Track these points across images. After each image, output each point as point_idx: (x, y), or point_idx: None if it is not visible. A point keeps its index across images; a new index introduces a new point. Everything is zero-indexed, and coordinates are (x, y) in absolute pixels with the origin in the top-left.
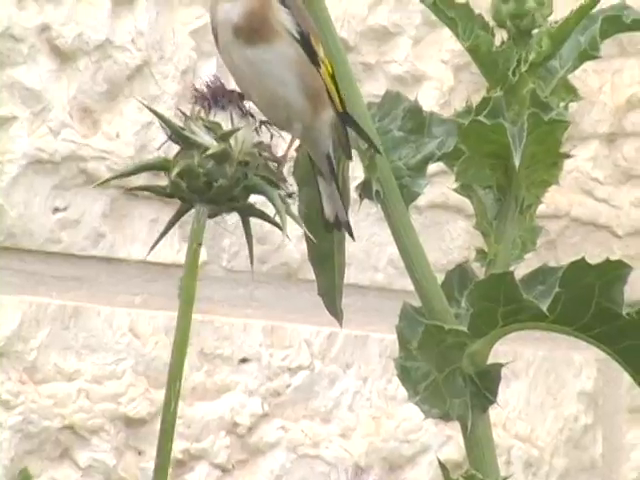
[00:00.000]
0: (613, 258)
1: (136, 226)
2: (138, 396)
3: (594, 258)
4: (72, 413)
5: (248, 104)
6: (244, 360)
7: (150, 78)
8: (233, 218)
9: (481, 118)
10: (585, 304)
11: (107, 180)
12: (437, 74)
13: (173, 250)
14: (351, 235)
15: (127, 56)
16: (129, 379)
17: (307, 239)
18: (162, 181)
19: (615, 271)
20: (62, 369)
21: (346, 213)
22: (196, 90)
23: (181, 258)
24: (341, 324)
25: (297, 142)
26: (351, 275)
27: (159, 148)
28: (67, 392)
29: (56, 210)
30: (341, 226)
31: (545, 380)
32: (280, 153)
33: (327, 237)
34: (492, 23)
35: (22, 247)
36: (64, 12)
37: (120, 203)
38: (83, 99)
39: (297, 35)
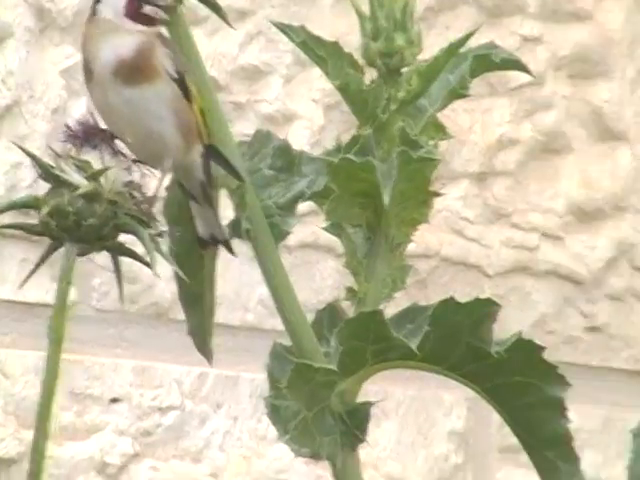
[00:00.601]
0: (484, 297)
1: (5, 266)
2: (7, 436)
3: (464, 297)
4: None
5: (119, 143)
6: (114, 400)
7: (20, 117)
8: (103, 258)
9: (350, 156)
10: (454, 343)
11: None
12: (308, 113)
13: (42, 290)
14: (230, 251)
15: None
16: None
17: (177, 279)
18: (32, 220)
19: (484, 309)
20: None
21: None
22: (68, 128)
23: (50, 298)
24: (211, 364)
25: (166, 181)
26: (221, 315)
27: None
28: None
29: None
30: (217, 244)
31: (415, 419)
32: (151, 192)
33: (197, 277)
34: (362, 61)
35: None
36: None
37: None
38: None
39: (175, 74)
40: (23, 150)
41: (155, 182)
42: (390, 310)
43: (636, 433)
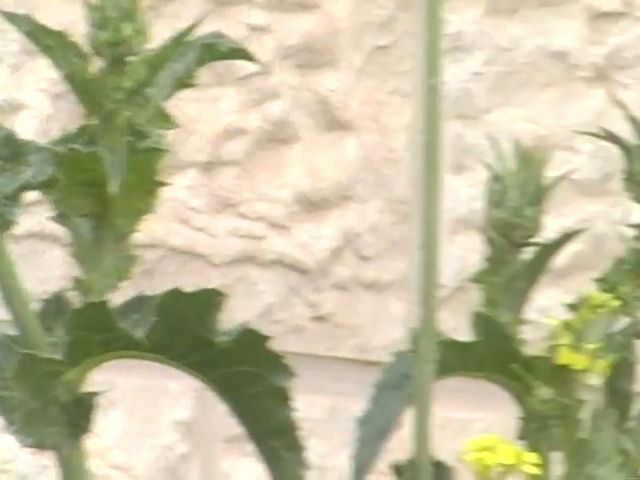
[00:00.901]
0: (210, 287)
1: None
2: None
3: (191, 287)
4: None
5: None
6: None
7: None
8: None
9: (77, 146)
10: (181, 333)
11: None
12: (35, 102)
13: None
14: None
15: None
16: None
17: None
18: None
19: (210, 299)
20: None
21: None
22: None
23: None
24: None
25: None
26: None
27: None
28: None
29: None
30: None
31: (142, 409)
32: None
33: None
34: (89, 50)
35: None
36: None
37: None
38: None
39: None
40: None
41: None
42: (117, 300)
43: (361, 421)
